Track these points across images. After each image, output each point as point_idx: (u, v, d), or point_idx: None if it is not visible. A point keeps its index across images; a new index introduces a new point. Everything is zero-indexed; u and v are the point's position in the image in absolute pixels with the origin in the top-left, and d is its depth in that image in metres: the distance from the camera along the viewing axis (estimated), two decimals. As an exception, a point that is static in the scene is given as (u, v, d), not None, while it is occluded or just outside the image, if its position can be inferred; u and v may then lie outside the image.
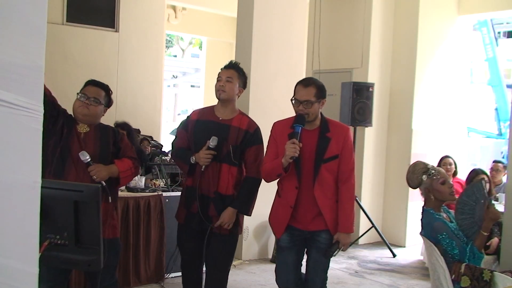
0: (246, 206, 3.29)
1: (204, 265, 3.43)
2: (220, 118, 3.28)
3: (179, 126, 3.48)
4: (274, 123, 3.18)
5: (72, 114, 3.00)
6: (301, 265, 3.20)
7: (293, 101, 3.02)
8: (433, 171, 3.17)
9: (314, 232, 3.06)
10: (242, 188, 3.27)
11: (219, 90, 3.25)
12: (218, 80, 3.30)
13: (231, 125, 3.25)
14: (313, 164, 2.99)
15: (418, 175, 3.17)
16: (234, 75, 3.29)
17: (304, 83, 3.04)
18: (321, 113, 3.10)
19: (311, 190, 3.00)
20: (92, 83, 3.05)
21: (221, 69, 3.35)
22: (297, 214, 3.04)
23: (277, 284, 3.18)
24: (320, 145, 3.01)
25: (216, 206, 3.22)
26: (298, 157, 2.93)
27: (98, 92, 3.01)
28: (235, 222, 3.28)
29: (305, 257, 3.21)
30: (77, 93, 2.99)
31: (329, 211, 3.02)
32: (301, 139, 2.92)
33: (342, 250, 3.10)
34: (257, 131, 3.31)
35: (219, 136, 3.19)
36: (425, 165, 3.22)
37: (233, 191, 3.25)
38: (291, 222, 3.06)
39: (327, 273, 3.18)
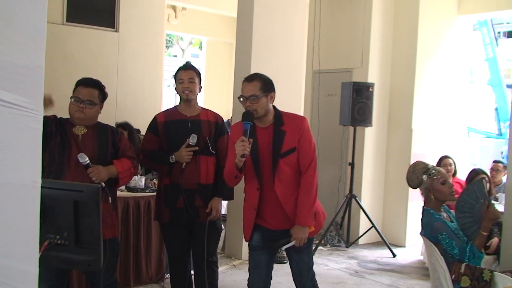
0: (230, 192, 3.57)
1: (191, 258, 3.59)
2: (188, 116, 3.46)
3: (147, 130, 3.55)
4: (231, 126, 3.16)
5: (63, 116, 2.98)
6: (273, 267, 3.13)
7: (241, 99, 2.93)
8: (433, 171, 3.17)
9: (286, 232, 2.95)
10: (219, 177, 3.41)
11: (184, 91, 3.42)
12: (180, 82, 3.44)
13: (200, 119, 3.47)
14: (271, 160, 2.89)
15: (418, 174, 3.18)
16: (194, 75, 3.47)
17: (248, 78, 2.97)
18: (274, 107, 3.02)
19: (273, 188, 2.89)
20: (83, 83, 2.97)
21: (179, 70, 3.49)
22: (264, 215, 2.95)
23: (248, 283, 3.09)
24: (275, 140, 2.90)
25: (201, 197, 3.41)
26: (256, 157, 2.88)
27: (91, 93, 2.95)
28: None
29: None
30: (71, 97, 2.94)
31: (293, 209, 2.91)
32: (255, 136, 2.86)
33: (296, 245, 2.91)
34: (223, 122, 3.60)
35: (193, 132, 3.36)
36: (425, 165, 3.23)
37: (213, 180, 3.47)
38: (261, 223, 2.98)
39: (312, 269, 3.10)
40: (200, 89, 3.53)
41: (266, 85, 2.94)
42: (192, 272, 3.63)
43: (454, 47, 6.97)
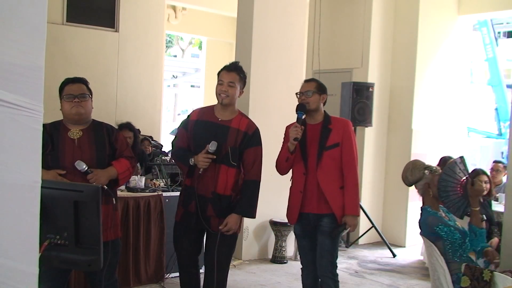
0: (250, 209, 3.30)
1: (203, 266, 3.43)
2: (220, 119, 3.28)
3: (180, 125, 3.48)
4: (286, 126, 3.50)
5: (54, 121, 2.95)
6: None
7: (298, 95, 3.43)
8: (434, 167, 3.29)
9: (318, 216, 3.35)
10: (243, 193, 3.27)
11: (221, 95, 3.24)
12: (219, 84, 3.26)
13: (230, 126, 3.25)
14: (316, 151, 3.34)
15: (420, 169, 3.25)
16: (236, 79, 3.26)
17: (307, 80, 3.57)
18: (325, 111, 3.48)
19: (315, 175, 3.31)
20: (69, 82, 2.94)
21: (222, 70, 3.31)
22: (305, 199, 3.36)
23: (300, 263, 3.58)
24: (322, 134, 3.36)
25: (213, 207, 3.23)
26: (304, 147, 3.33)
27: (81, 87, 2.93)
28: None
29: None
30: (62, 98, 2.91)
31: (332, 196, 3.31)
32: (306, 130, 3.30)
33: (349, 231, 3.45)
34: (256, 132, 3.31)
35: (218, 137, 3.19)
36: (424, 162, 3.34)
37: (231, 192, 3.25)
38: (300, 209, 3.36)
39: (336, 258, 3.41)
40: (241, 94, 3.34)
41: (321, 87, 3.45)
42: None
43: (454, 47, 6.97)
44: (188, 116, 3.42)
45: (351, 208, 3.32)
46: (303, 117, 3.30)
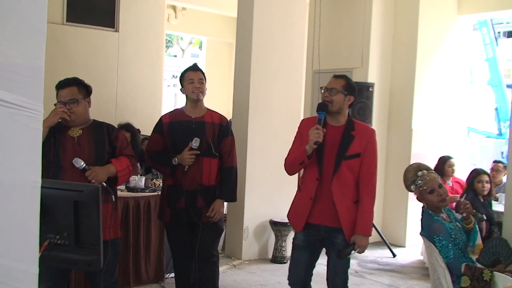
0: (232, 194, 3.55)
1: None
2: (193, 117, 3.48)
3: (152, 131, 3.58)
4: (302, 120, 3.28)
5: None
6: (314, 266, 3.18)
7: (322, 90, 3.08)
8: (420, 181, 3.16)
9: (331, 230, 3.01)
10: (223, 179, 3.49)
11: (195, 92, 3.45)
12: (190, 82, 3.46)
13: (205, 121, 3.48)
14: (334, 158, 2.98)
15: (408, 183, 3.25)
16: (202, 76, 3.52)
17: (337, 75, 3.12)
18: (349, 113, 3.13)
19: (330, 184, 2.97)
20: (60, 86, 2.97)
21: (188, 71, 3.52)
22: (315, 208, 3.01)
23: (288, 279, 3.19)
24: (343, 141, 3.00)
25: (203, 198, 3.42)
26: (321, 150, 2.96)
27: (71, 92, 2.95)
28: None
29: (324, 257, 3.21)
30: (55, 104, 2.95)
31: (345, 210, 2.97)
32: (325, 126, 2.95)
33: (358, 253, 3.05)
34: (228, 124, 3.61)
35: (197, 133, 3.38)
36: (414, 173, 3.21)
37: (215, 181, 3.47)
38: (308, 218, 3.02)
39: (347, 273, 3.15)
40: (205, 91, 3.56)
41: (349, 87, 3.05)
42: None
43: (454, 47, 6.97)
44: (160, 120, 3.56)
45: (363, 228, 2.98)
46: (323, 117, 2.97)
